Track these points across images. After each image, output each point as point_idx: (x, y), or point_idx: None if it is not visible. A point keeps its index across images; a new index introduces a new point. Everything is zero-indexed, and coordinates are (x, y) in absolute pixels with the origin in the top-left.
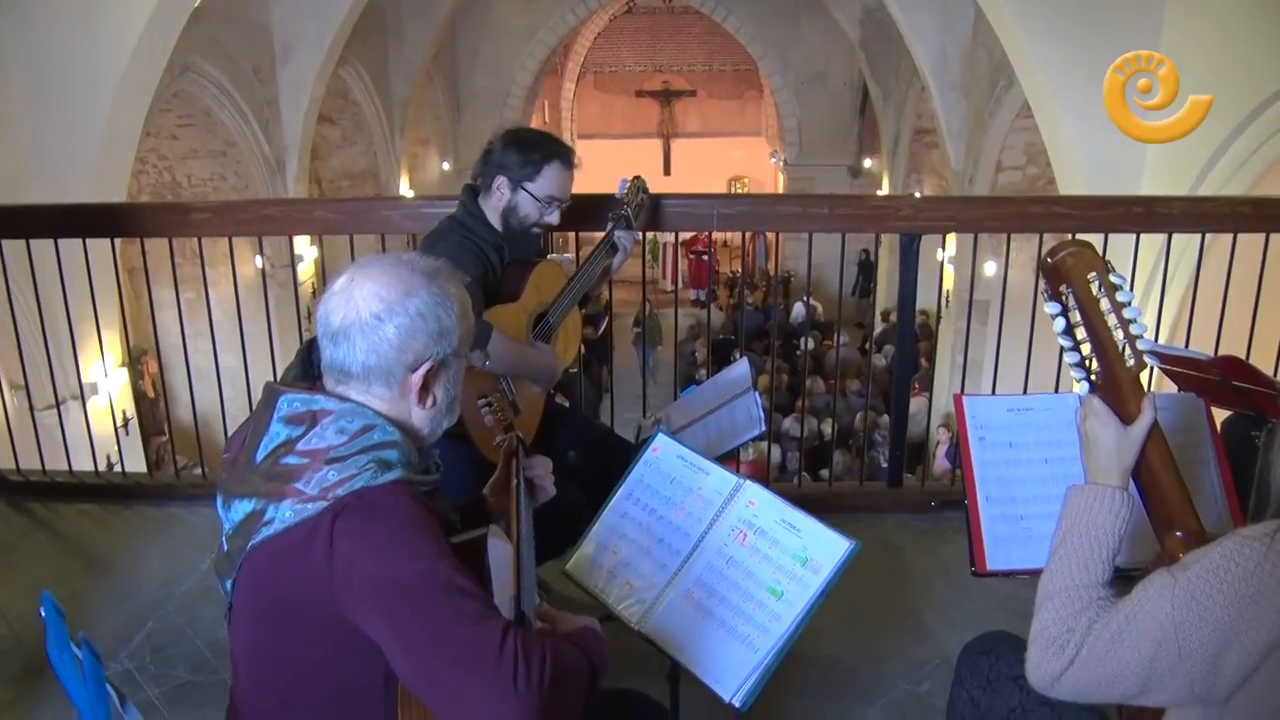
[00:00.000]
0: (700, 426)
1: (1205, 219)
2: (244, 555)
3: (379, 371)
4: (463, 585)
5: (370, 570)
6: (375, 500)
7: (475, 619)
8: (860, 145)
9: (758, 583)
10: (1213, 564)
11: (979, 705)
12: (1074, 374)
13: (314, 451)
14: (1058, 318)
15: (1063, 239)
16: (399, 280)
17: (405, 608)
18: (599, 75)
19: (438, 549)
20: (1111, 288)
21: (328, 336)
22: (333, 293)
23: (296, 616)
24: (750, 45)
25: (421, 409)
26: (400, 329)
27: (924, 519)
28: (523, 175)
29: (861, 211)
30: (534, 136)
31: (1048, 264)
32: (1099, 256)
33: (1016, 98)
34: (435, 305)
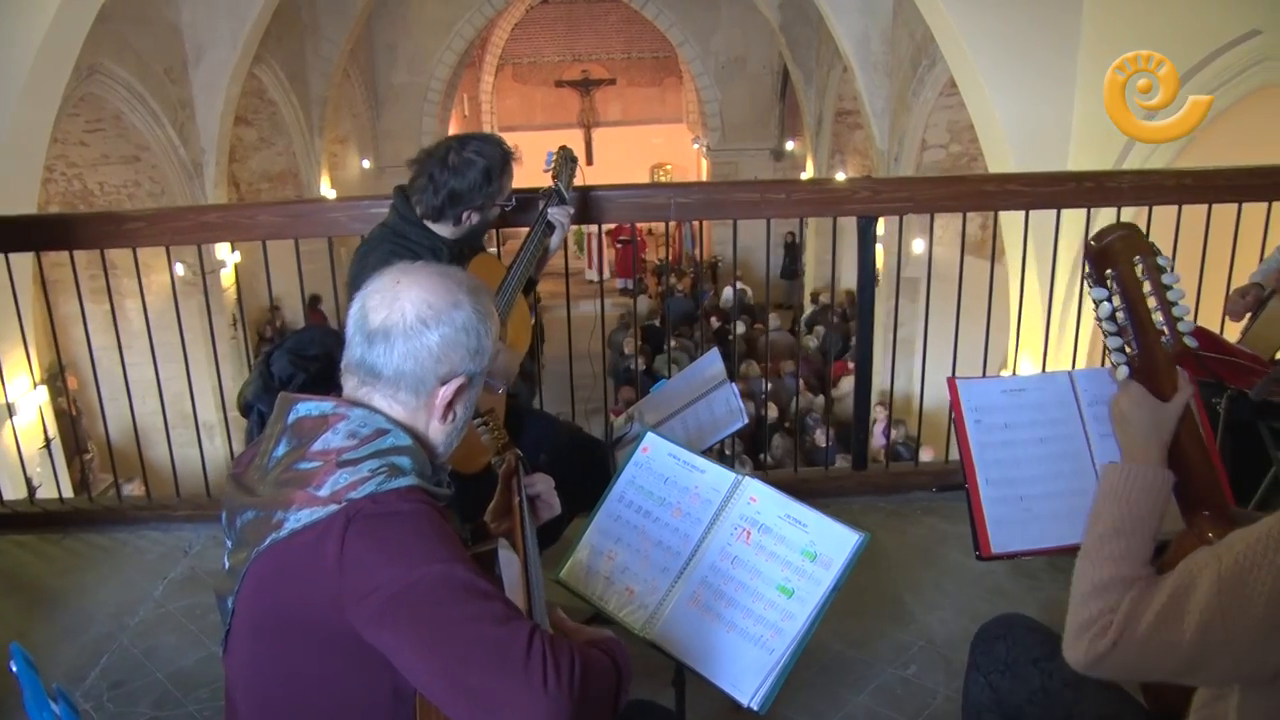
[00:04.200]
0: (677, 422)
1: (1152, 192)
2: (250, 563)
3: (412, 378)
4: (483, 588)
5: (386, 578)
6: (389, 505)
7: (500, 619)
8: (782, 128)
9: (766, 581)
10: (1260, 546)
11: (997, 690)
12: (1113, 358)
13: (326, 453)
14: (1103, 303)
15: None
16: (448, 291)
17: (425, 612)
18: (518, 67)
19: (455, 553)
20: (1157, 270)
21: (362, 334)
22: (373, 291)
23: (300, 625)
24: (669, 32)
25: (441, 424)
26: (443, 339)
27: (890, 500)
28: (489, 198)
29: (819, 196)
30: (477, 156)
31: (1093, 248)
32: (1145, 239)
33: (939, 77)
34: (478, 322)
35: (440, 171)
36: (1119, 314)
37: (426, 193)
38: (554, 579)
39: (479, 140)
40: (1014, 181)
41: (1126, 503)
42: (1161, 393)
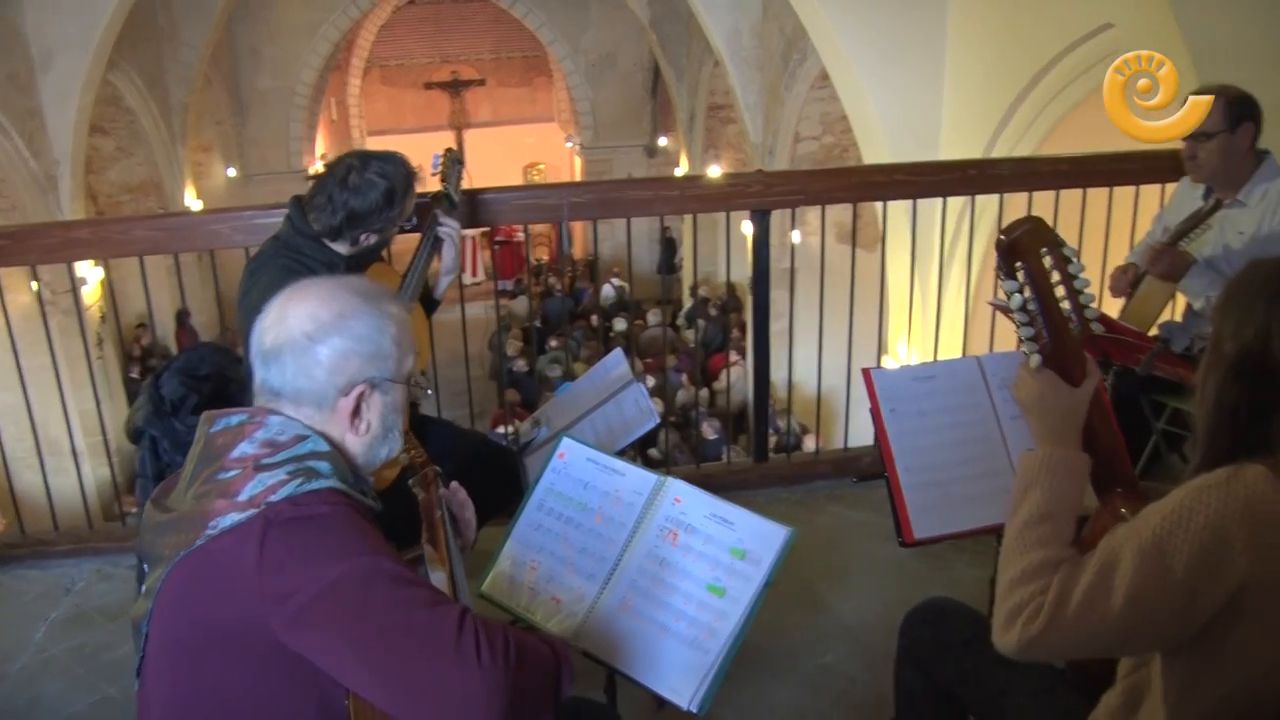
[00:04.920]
0: (587, 424)
1: (1031, 178)
2: (165, 578)
3: (310, 394)
4: (409, 576)
5: (308, 578)
6: (309, 507)
7: (429, 604)
8: (655, 124)
9: (696, 582)
10: (1175, 517)
11: (929, 674)
12: (1025, 347)
13: (243, 460)
14: (1014, 294)
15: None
16: (333, 300)
17: (351, 605)
18: (386, 69)
19: (379, 547)
20: (1063, 260)
21: (259, 357)
22: (267, 311)
23: (219, 639)
24: (539, 31)
25: (355, 435)
26: (334, 351)
27: (794, 491)
28: (389, 221)
29: (713, 191)
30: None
31: (1003, 242)
32: (1051, 231)
33: (811, 70)
34: (371, 327)
35: (339, 191)
36: (1029, 304)
37: (324, 211)
38: (477, 593)
39: (381, 160)
40: (901, 171)
41: (1048, 488)
42: (1072, 378)
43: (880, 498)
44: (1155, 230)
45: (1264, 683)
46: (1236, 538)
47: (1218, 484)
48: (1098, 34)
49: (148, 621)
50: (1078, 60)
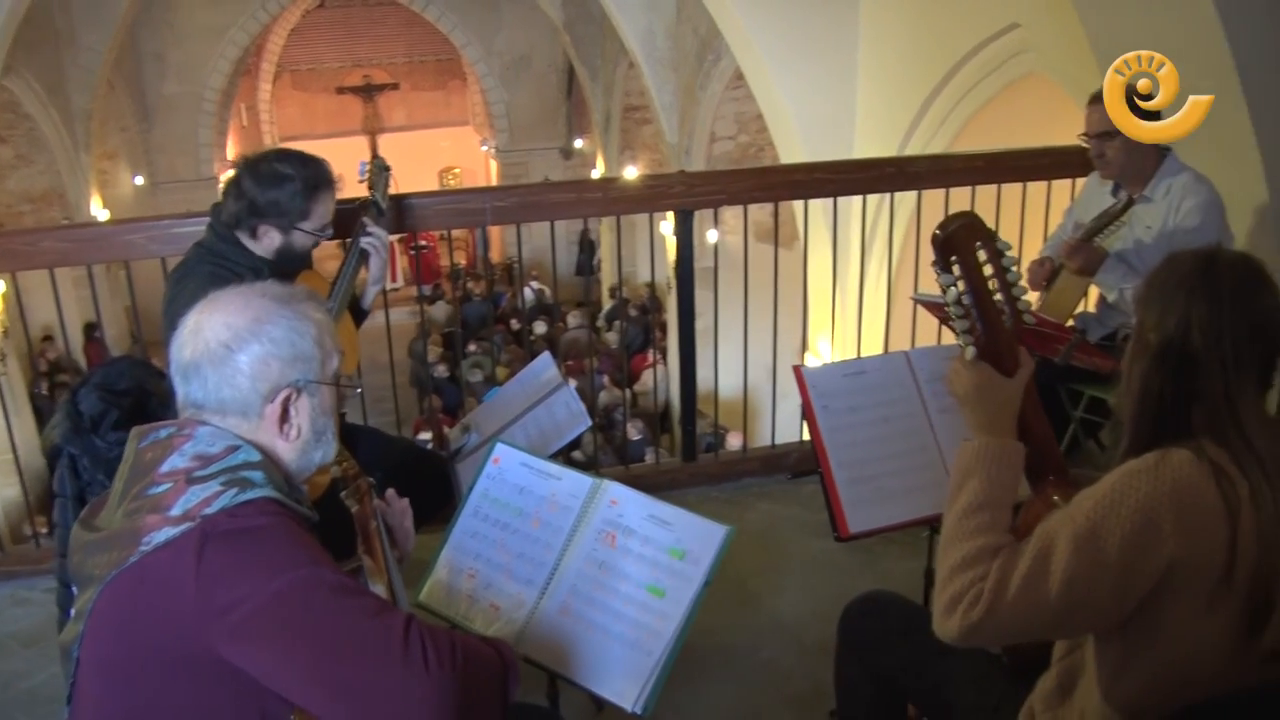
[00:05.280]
0: (518, 429)
1: (948, 175)
2: (97, 598)
3: (234, 404)
4: (352, 585)
5: (249, 590)
6: (246, 518)
7: (373, 612)
8: (570, 126)
9: (636, 584)
10: (1106, 501)
11: (869, 666)
12: (961, 340)
13: (175, 474)
14: (950, 288)
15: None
16: (247, 307)
17: (294, 616)
18: (296, 74)
19: (320, 557)
20: (996, 254)
21: (179, 373)
22: (183, 325)
23: (155, 658)
24: (452, 34)
25: (285, 441)
26: (253, 357)
27: (723, 489)
28: (294, 220)
29: (637, 192)
30: (290, 172)
31: (939, 237)
32: (984, 226)
33: (725, 70)
34: (289, 330)
35: (248, 179)
36: (965, 298)
37: (231, 198)
38: (414, 603)
39: (299, 158)
40: (821, 170)
41: (985, 477)
42: (1006, 369)
43: (809, 493)
44: (1067, 224)
45: (1191, 661)
46: (1165, 520)
47: (1146, 469)
48: (1005, 33)
49: (79, 645)
50: (987, 59)
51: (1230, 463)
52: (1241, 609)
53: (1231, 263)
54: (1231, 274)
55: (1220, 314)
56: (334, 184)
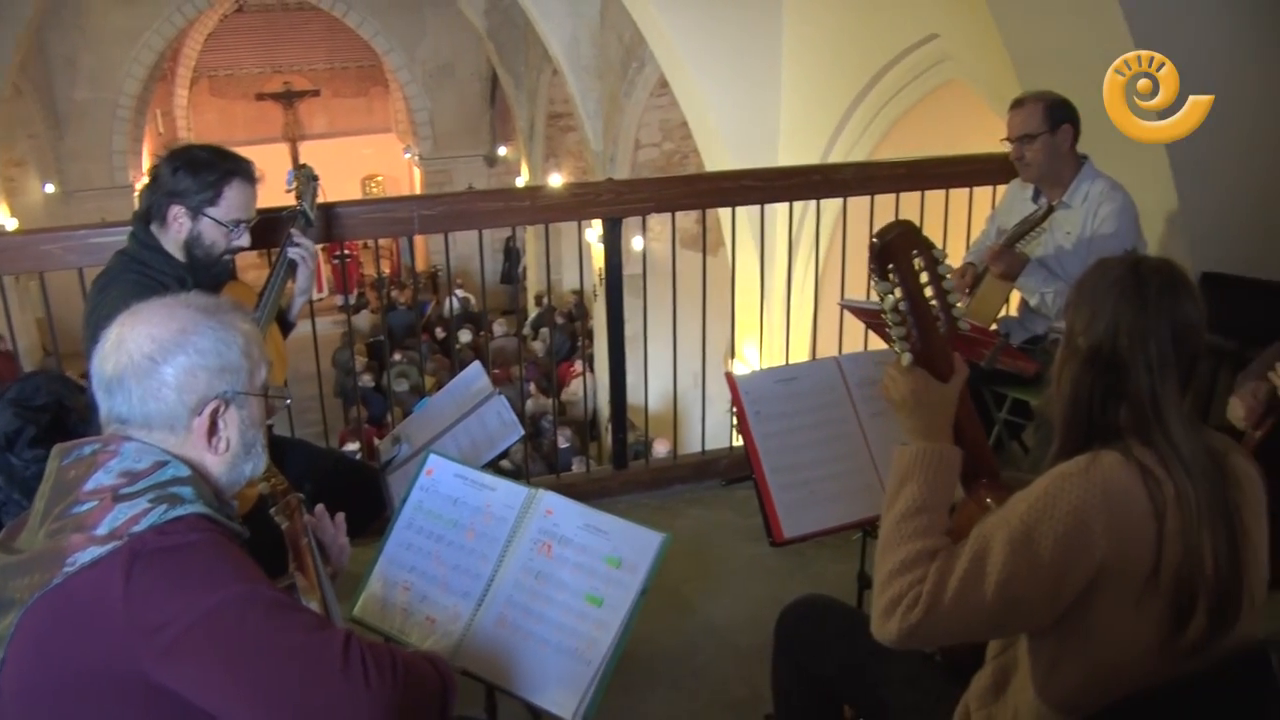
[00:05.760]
0: (449, 440)
1: (872, 182)
2: (18, 623)
3: (160, 418)
4: (287, 601)
5: (181, 608)
6: (177, 536)
7: (311, 628)
8: (494, 134)
9: (574, 593)
10: (1040, 504)
11: (806, 669)
12: (897, 347)
13: (100, 491)
14: (888, 295)
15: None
16: (172, 318)
17: (230, 634)
18: (215, 80)
19: (252, 573)
20: (932, 261)
21: (102, 387)
22: (104, 339)
23: (82, 683)
24: (374, 40)
25: (215, 455)
26: (179, 369)
27: (654, 496)
28: (201, 201)
29: (564, 201)
30: (206, 155)
31: (876, 245)
32: (920, 234)
33: (649, 77)
34: (215, 340)
35: (164, 165)
36: (901, 304)
37: (147, 188)
38: (348, 618)
39: (219, 149)
40: (748, 178)
41: (923, 482)
42: (941, 375)
43: (741, 498)
44: (989, 230)
45: (1120, 658)
46: (1096, 522)
47: (1078, 471)
48: (925, 43)
49: None
50: (907, 68)
51: (1157, 464)
52: (1167, 606)
53: (1155, 268)
54: (1156, 279)
55: (1146, 318)
56: (253, 179)
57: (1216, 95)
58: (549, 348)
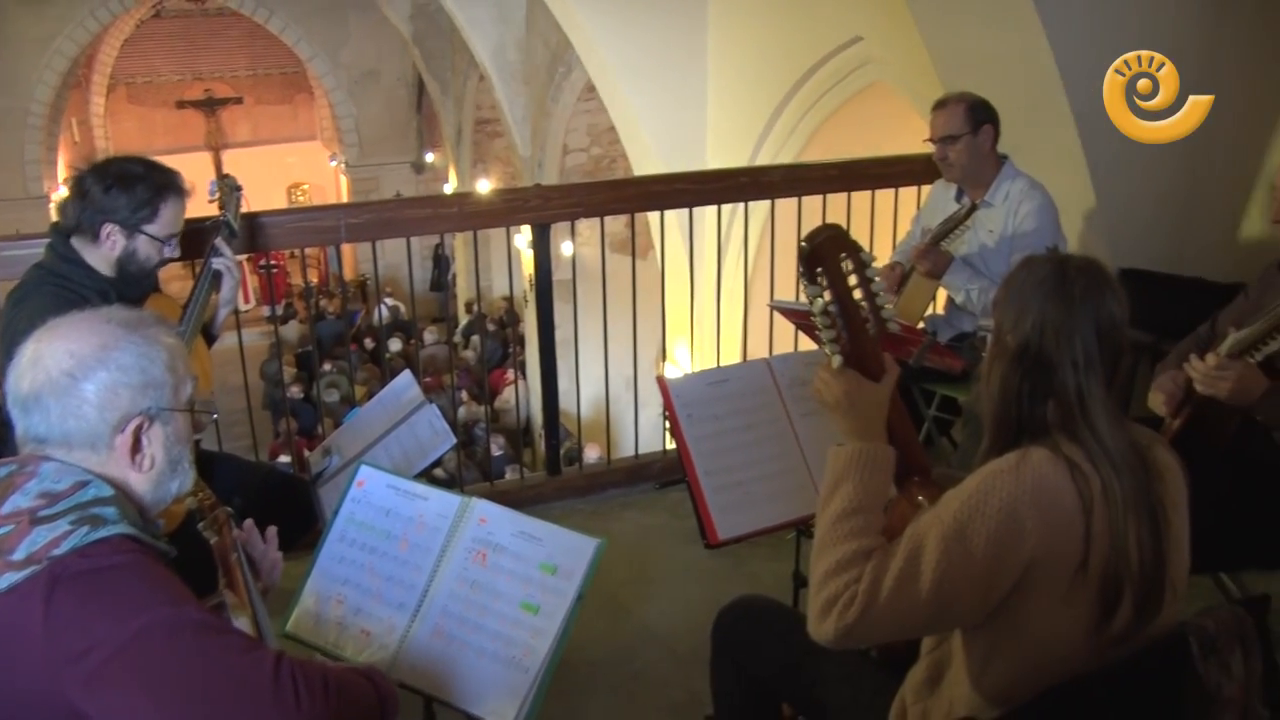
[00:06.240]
0: (380, 450)
1: (800, 184)
2: None
3: (81, 436)
4: (217, 624)
5: (106, 633)
6: (100, 558)
7: (240, 650)
8: (421, 140)
9: (509, 601)
10: (972, 502)
11: (745, 670)
12: (828, 349)
13: (18, 514)
14: (817, 298)
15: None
16: (91, 333)
17: (157, 658)
18: (132, 87)
19: (181, 594)
20: (861, 264)
21: (17, 405)
22: (19, 356)
23: (11, 711)
24: (297, 46)
25: (139, 473)
26: (100, 385)
27: (588, 501)
28: (139, 219)
29: (492, 207)
30: (139, 170)
31: (805, 249)
32: (849, 237)
33: (576, 82)
34: (138, 355)
35: (91, 178)
36: (831, 307)
37: (73, 201)
38: (281, 633)
39: (148, 161)
40: (680, 181)
41: (857, 482)
42: (872, 376)
43: (675, 501)
44: (915, 230)
45: (1051, 649)
46: (1027, 518)
47: (1008, 469)
48: (849, 46)
49: None
50: (832, 70)
51: (1084, 459)
52: (1095, 598)
53: (1081, 267)
54: (1081, 278)
55: (1071, 317)
56: (185, 193)
57: None
58: (480, 355)
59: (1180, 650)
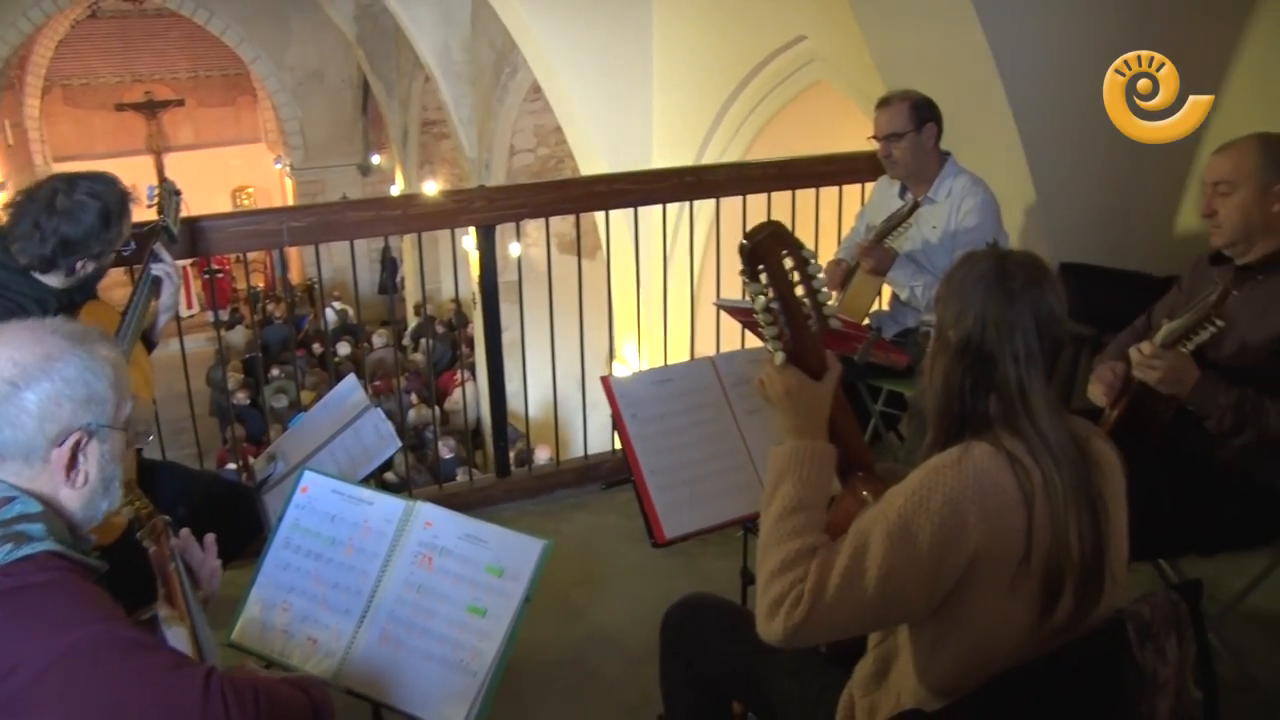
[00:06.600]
0: (326, 455)
1: (744, 182)
2: None
3: (16, 447)
4: (145, 641)
5: (30, 653)
6: (23, 576)
7: (168, 668)
8: (367, 142)
9: (456, 605)
10: (915, 497)
11: (694, 668)
12: (770, 346)
13: None
14: (759, 295)
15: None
16: (36, 343)
17: (83, 677)
18: (69, 89)
19: (108, 612)
20: (802, 261)
21: None
22: None
23: None
24: (239, 48)
25: (72, 489)
26: (42, 396)
27: (538, 502)
28: (112, 246)
29: (436, 209)
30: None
31: (746, 247)
32: (790, 234)
33: (522, 83)
34: (83, 369)
35: (47, 217)
36: (773, 304)
37: (32, 241)
38: (226, 642)
39: (91, 180)
40: (622, 181)
41: (799, 479)
42: (814, 372)
43: (625, 500)
44: (859, 226)
45: (995, 640)
46: (970, 512)
47: (951, 463)
48: (793, 45)
49: None
50: (777, 69)
51: (1025, 453)
52: (1037, 590)
53: (1020, 262)
54: (1021, 273)
55: (1012, 311)
56: (131, 195)
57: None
58: (429, 358)
59: (1118, 637)
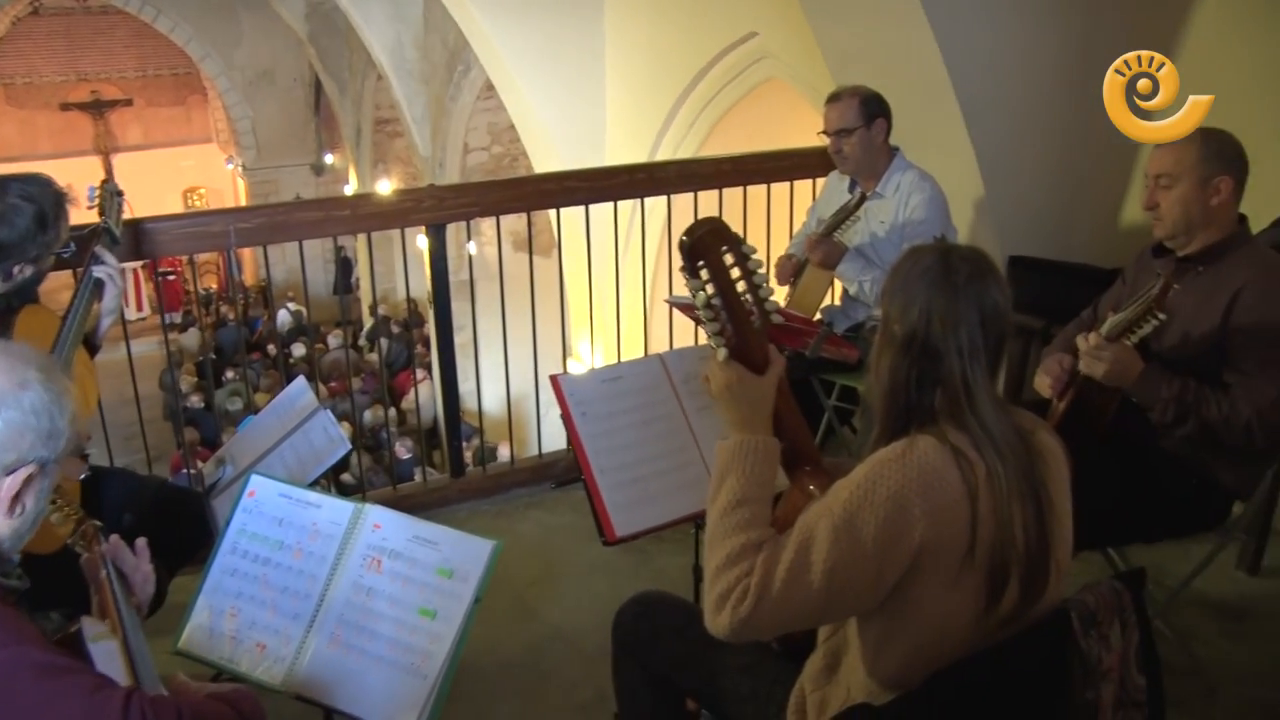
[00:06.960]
0: (275, 459)
1: (695, 179)
2: None
3: None
4: (63, 664)
5: None
6: None
7: (89, 691)
8: (320, 141)
9: (406, 607)
10: (860, 491)
11: (647, 666)
12: (713, 342)
13: None
14: (699, 292)
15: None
16: (11, 370)
17: None
18: (11, 88)
19: (23, 634)
20: (742, 256)
21: None
22: None
23: None
24: (188, 46)
25: (7, 518)
26: (8, 424)
27: (493, 502)
28: (49, 249)
29: (386, 209)
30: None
31: (685, 243)
32: (729, 230)
33: (475, 81)
34: (49, 402)
35: None
36: (714, 300)
37: None
38: (172, 651)
39: (22, 182)
40: (572, 179)
41: (743, 474)
42: (757, 367)
43: (579, 499)
44: (810, 221)
45: (942, 632)
46: (914, 506)
47: (896, 457)
48: (745, 41)
49: None
50: (729, 66)
51: (970, 446)
52: (983, 581)
53: (964, 257)
54: (965, 268)
55: (956, 305)
56: (67, 195)
57: (1018, 92)
58: (384, 358)
59: (1063, 626)
